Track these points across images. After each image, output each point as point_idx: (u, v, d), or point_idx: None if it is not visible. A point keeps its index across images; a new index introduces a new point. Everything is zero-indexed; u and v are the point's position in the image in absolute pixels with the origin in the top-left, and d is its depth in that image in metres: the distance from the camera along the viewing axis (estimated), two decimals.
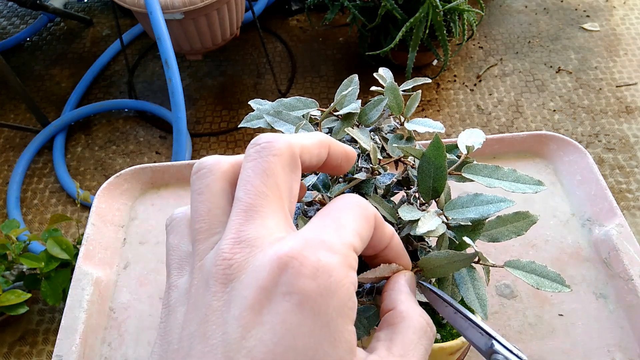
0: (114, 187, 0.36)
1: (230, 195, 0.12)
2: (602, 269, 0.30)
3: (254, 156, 0.12)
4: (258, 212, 0.11)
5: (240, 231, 0.11)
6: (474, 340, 0.14)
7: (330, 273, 0.10)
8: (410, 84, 0.25)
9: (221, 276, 0.10)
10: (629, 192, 0.81)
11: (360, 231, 0.11)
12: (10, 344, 0.69)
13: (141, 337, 0.30)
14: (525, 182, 0.21)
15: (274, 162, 0.11)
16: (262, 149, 0.12)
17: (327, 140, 0.13)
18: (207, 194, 0.12)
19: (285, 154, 0.12)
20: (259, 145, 0.12)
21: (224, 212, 0.12)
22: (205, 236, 0.11)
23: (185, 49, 0.88)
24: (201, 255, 0.11)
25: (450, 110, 0.95)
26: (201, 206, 0.12)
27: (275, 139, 0.12)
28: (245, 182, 0.11)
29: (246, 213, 0.11)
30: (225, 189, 0.12)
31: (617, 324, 0.28)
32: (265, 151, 0.12)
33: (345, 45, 1.09)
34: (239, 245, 0.10)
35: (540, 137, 0.35)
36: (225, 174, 0.12)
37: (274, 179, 0.11)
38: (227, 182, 0.12)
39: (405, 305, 0.13)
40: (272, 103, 0.24)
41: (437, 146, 0.20)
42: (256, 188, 0.11)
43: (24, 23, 1.23)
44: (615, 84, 0.96)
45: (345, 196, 0.12)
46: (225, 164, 0.12)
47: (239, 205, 0.11)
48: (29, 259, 0.59)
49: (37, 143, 0.94)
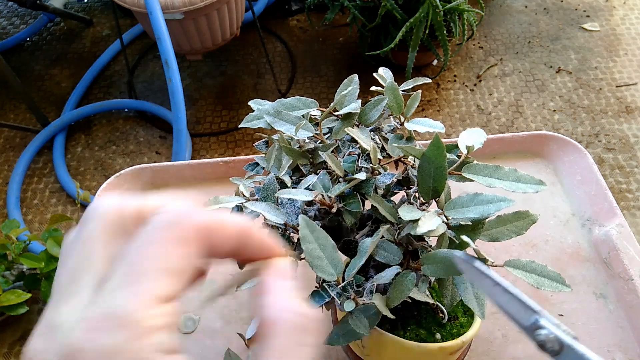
0: (114, 187, 0.36)
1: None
2: (602, 269, 0.30)
3: (148, 237, 0.10)
4: (72, 292, 0.10)
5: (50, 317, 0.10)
6: (515, 315, 0.13)
7: (122, 356, 0.09)
8: (410, 84, 0.25)
9: None
10: (629, 192, 0.81)
11: (180, 267, 0.10)
12: (10, 344, 0.69)
13: None
14: (526, 181, 0.21)
15: (167, 236, 0.10)
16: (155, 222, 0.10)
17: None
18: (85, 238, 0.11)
19: (180, 227, 0.10)
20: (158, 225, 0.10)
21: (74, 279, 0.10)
22: (52, 304, 0.10)
23: (185, 49, 0.88)
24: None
25: (450, 110, 0.95)
26: (77, 252, 0.11)
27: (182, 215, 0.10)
28: (139, 257, 0.10)
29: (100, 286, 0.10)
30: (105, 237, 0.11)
31: (617, 324, 0.28)
32: (166, 230, 0.10)
33: (346, 45, 1.09)
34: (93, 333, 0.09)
35: (540, 137, 0.35)
36: (114, 220, 0.11)
37: (165, 256, 0.10)
38: (112, 231, 0.11)
39: (270, 310, 0.11)
40: (272, 103, 0.24)
41: (437, 146, 0.20)
42: (145, 264, 0.10)
43: (24, 23, 1.23)
44: (615, 84, 0.96)
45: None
46: (122, 207, 0.11)
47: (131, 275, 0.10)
48: (29, 259, 0.59)
49: (37, 143, 0.94)
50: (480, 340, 0.28)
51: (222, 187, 0.36)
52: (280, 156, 0.24)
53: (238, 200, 0.24)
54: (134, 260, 0.10)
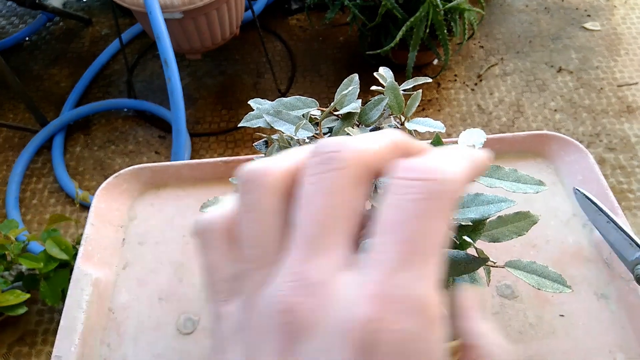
0: (113, 187, 0.35)
1: (285, 214, 0.10)
2: (604, 269, 0.30)
3: (317, 169, 0.09)
4: (322, 246, 0.09)
5: (303, 271, 0.09)
6: (621, 251, 0.14)
7: (417, 346, 0.08)
8: (410, 83, 0.24)
9: (282, 328, 0.08)
10: (630, 192, 0.81)
11: (443, 245, 0.09)
12: (9, 344, 0.69)
13: (140, 337, 0.30)
14: (527, 182, 0.21)
15: (342, 178, 0.09)
16: (327, 160, 0.09)
17: (402, 143, 0.10)
18: (258, 212, 0.10)
19: (355, 166, 0.09)
20: (324, 155, 0.09)
21: (277, 237, 0.10)
22: (257, 265, 0.10)
23: (184, 48, 0.88)
24: (254, 287, 0.09)
25: (450, 109, 0.94)
26: (252, 227, 0.10)
27: (342, 146, 0.09)
28: (307, 205, 0.09)
29: (308, 246, 0.09)
30: (278, 205, 0.10)
31: (618, 325, 0.28)
32: (331, 163, 0.09)
33: (346, 44, 1.09)
34: (301, 291, 0.09)
35: (541, 136, 0.35)
36: (277, 186, 0.10)
37: (341, 201, 0.09)
38: (280, 197, 0.10)
39: (485, 339, 0.11)
40: (271, 102, 0.24)
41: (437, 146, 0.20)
42: (321, 214, 0.09)
43: (23, 22, 1.22)
44: (616, 83, 0.95)
45: (401, 181, 0.09)
46: (277, 172, 0.10)
47: (300, 235, 0.09)
48: (28, 259, 0.59)
49: (36, 143, 0.93)
50: None
51: (222, 187, 0.36)
52: None
53: None
54: (406, 234, 0.08)
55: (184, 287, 0.32)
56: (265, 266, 0.10)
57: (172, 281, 0.32)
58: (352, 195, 0.09)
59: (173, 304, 0.31)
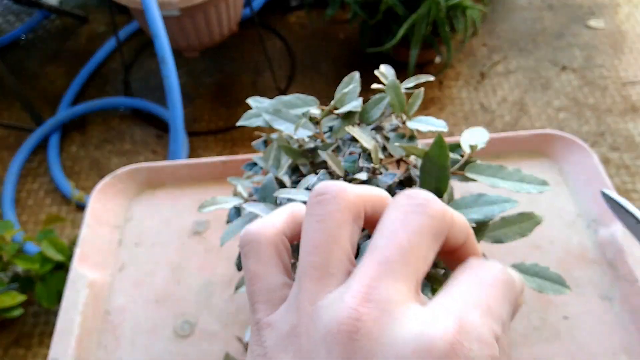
0: (109, 187, 0.35)
1: (352, 234, 0.11)
2: (608, 270, 0.29)
3: (409, 209, 0.10)
4: (395, 271, 0.09)
5: (373, 287, 0.09)
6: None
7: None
8: (412, 81, 0.24)
9: (345, 339, 0.09)
10: (634, 192, 0.80)
11: (505, 321, 0.10)
12: (5, 346, 0.68)
13: (137, 340, 0.29)
14: (530, 182, 0.21)
15: (429, 224, 0.10)
16: (423, 204, 0.10)
17: None
18: (329, 223, 0.10)
19: (442, 221, 0.10)
20: (420, 198, 0.10)
21: (344, 251, 0.10)
22: (319, 274, 0.10)
23: (182, 46, 0.87)
24: (312, 297, 0.10)
25: (453, 108, 0.94)
26: (319, 236, 0.10)
27: (433, 198, 0.10)
28: (392, 233, 0.10)
29: (382, 267, 0.09)
30: (349, 222, 0.10)
31: (622, 327, 0.27)
32: (423, 208, 0.10)
33: (346, 42, 1.08)
34: (368, 304, 0.09)
35: (545, 136, 0.34)
36: (351, 206, 0.11)
37: (422, 242, 0.10)
38: (352, 216, 0.11)
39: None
40: (271, 101, 0.23)
41: (439, 145, 0.19)
42: (403, 246, 0.10)
43: (19, 20, 1.21)
44: (620, 82, 0.94)
45: (492, 266, 0.10)
46: (353, 195, 0.11)
47: (376, 254, 0.10)
48: (24, 260, 0.58)
49: (32, 142, 0.92)
50: None
51: (220, 187, 0.36)
52: (279, 155, 0.23)
53: (236, 200, 0.23)
54: (484, 293, 0.10)
55: (181, 289, 0.31)
56: (324, 277, 0.10)
57: (169, 283, 0.32)
58: (431, 241, 0.10)
59: (170, 306, 0.31)
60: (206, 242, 0.33)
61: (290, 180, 0.23)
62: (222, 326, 0.29)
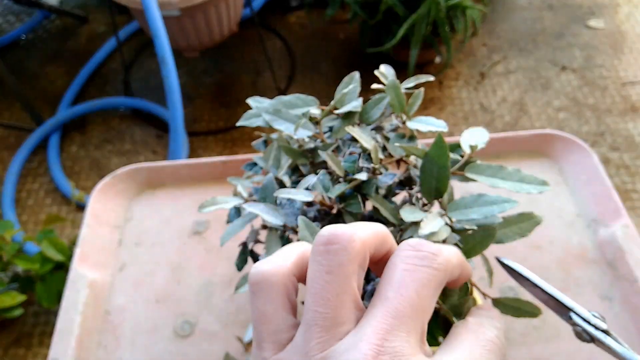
0: (109, 187, 0.35)
1: (359, 280, 0.11)
2: (608, 270, 0.29)
3: (417, 262, 0.11)
4: (406, 324, 0.10)
5: (386, 339, 0.10)
6: (555, 310, 0.15)
7: None
8: (412, 81, 0.24)
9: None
10: (634, 192, 0.80)
11: None
12: (5, 346, 0.68)
13: (137, 340, 0.29)
14: (530, 182, 0.21)
15: (434, 276, 0.11)
16: (429, 258, 0.11)
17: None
18: (339, 275, 0.10)
19: (445, 272, 0.11)
20: (425, 252, 0.11)
21: (353, 300, 0.11)
22: (329, 324, 0.10)
23: (182, 46, 0.87)
24: (322, 345, 0.10)
25: (453, 108, 0.94)
26: (329, 288, 0.10)
27: (437, 250, 0.11)
28: (401, 287, 0.10)
29: (394, 320, 0.10)
30: (356, 272, 0.11)
31: (622, 327, 0.27)
32: (429, 262, 0.11)
33: (346, 42, 1.08)
34: (383, 356, 0.09)
35: (545, 136, 0.34)
36: (359, 256, 0.11)
37: (429, 294, 0.11)
38: (358, 265, 0.11)
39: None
40: (271, 101, 0.23)
41: (439, 145, 0.19)
42: (412, 299, 0.10)
43: (19, 20, 1.21)
44: (620, 82, 0.94)
45: (492, 328, 0.11)
46: (360, 242, 0.11)
47: (387, 306, 0.10)
48: (24, 260, 0.58)
49: (32, 142, 0.92)
50: None
51: (220, 187, 0.36)
52: (279, 156, 0.23)
53: (236, 200, 0.23)
54: (483, 355, 0.11)
55: (182, 289, 0.31)
56: (334, 327, 0.10)
57: (169, 283, 0.32)
58: (435, 293, 0.11)
59: (170, 306, 0.31)
60: (206, 242, 0.33)
61: (290, 180, 0.23)
62: (222, 326, 0.29)
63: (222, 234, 0.22)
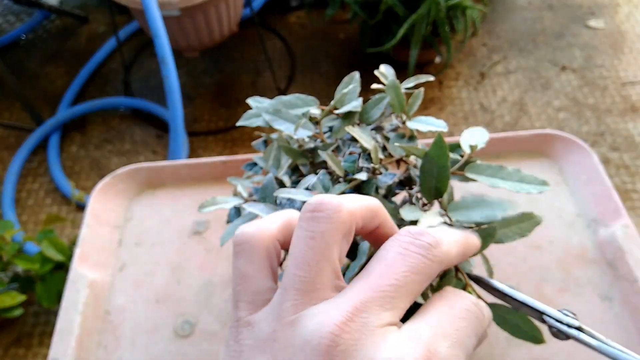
0: (109, 187, 0.35)
1: (341, 250, 0.11)
2: (608, 270, 0.29)
3: (414, 248, 0.11)
4: (385, 301, 0.10)
5: (360, 309, 0.10)
6: (529, 314, 0.15)
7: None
8: (412, 81, 0.24)
9: (323, 352, 0.09)
10: (634, 192, 0.80)
11: (470, 351, 0.11)
12: (5, 346, 0.68)
13: (137, 340, 0.29)
14: (530, 182, 0.21)
15: (427, 266, 0.11)
16: (427, 247, 0.11)
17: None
18: (320, 242, 0.11)
19: (440, 264, 0.11)
20: (426, 240, 0.11)
21: (332, 268, 0.11)
22: (306, 288, 0.10)
23: (182, 46, 0.87)
24: (296, 307, 0.10)
25: (453, 108, 0.94)
26: (310, 253, 0.11)
27: (437, 242, 0.11)
28: (390, 266, 0.10)
29: (373, 294, 0.10)
30: (339, 240, 0.11)
31: (622, 327, 0.27)
32: (427, 251, 0.11)
33: (346, 42, 1.08)
34: (352, 324, 0.09)
35: (545, 136, 0.34)
36: (343, 225, 0.11)
37: (417, 280, 0.10)
38: (342, 235, 0.11)
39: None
40: (270, 101, 0.23)
41: (439, 145, 0.19)
42: (398, 280, 0.10)
43: (19, 20, 1.21)
44: (620, 82, 0.94)
45: (466, 299, 0.11)
46: (347, 213, 0.11)
47: (371, 280, 0.10)
48: (24, 260, 0.58)
49: (32, 142, 0.92)
50: (483, 344, 0.27)
51: (220, 187, 0.36)
52: (279, 156, 0.23)
53: (236, 200, 0.23)
54: (455, 323, 0.11)
55: (182, 289, 0.31)
56: (311, 291, 0.10)
57: (169, 283, 0.32)
58: (423, 273, 0.11)
59: (170, 306, 0.31)
60: (206, 242, 0.33)
61: (290, 180, 0.23)
62: (222, 326, 0.29)
63: (222, 234, 0.22)
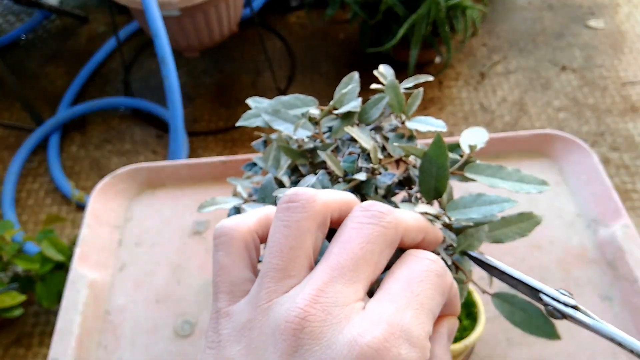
0: (109, 187, 0.35)
1: (316, 240, 0.11)
2: (608, 270, 0.29)
3: (364, 220, 0.11)
4: (346, 276, 0.10)
5: (323, 290, 0.10)
6: (525, 293, 0.15)
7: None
8: (411, 81, 0.24)
9: (290, 336, 0.10)
10: (634, 192, 0.80)
11: (436, 312, 0.11)
12: (5, 346, 0.68)
13: (137, 340, 0.29)
14: (529, 182, 0.21)
15: (381, 233, 0.11)
16: (377, 216, 0.11)
17: None
18: (294, 230, 0.11)
19: (394, 230, 0.11)
20: (374, 211, 0.11)
21: (306, 256, 0.11)
22: (280, 275, 0.11)
23: (182, 46, 0.87)
24: (270, 295, 0.10)
25: (453, 108, 0.94)
26: (284, 241, 0.11)
27: (388, 210, 0.11)
28: (345, 242, 0.11)
29: (333, 272, 0.10)
30: (313, 229, 0.11)
31: (622, 327, 0.27)
32: (377, 220, 0.11)
33: (346, 42, 1.08)
34: (316, 305, 0.10)
35: (545, 136, 0.34)
36: (317, 215, 0.11)
37: (374, 249, 0.11)
38: (316, 224, 0.11)
39: (436, 352, 0.12)
40: (270, 101, 0.23)
41: (439, 145, 0.19)
42: (355, 253, 0.11)
43: (19, 20, 1.21)
44: (620, 82, 0.94)
45: (424, 259, 0.11)
46: (321, 203, 0.11)
47: (330, 260, 0.11)
48: (24, 260, 0.58)
49: (32, 142, 0.92)
50: (484, 344, 0.27)
51: (220, 187, 0.36)
52: (279, 156, 0.23)
53: (235, 201, 0.23)
54: (415, 289, 0.11)
55: (182, 289, 0.31)
56: (285, 279, 0.11)
57: (169, 283, 0.32)
58: (384, 251, 0.11)
59: (170, 306, 0.31)
60: (206, 242, 0.33)
61: (289, 181, 0.23)
62: None
63: None
